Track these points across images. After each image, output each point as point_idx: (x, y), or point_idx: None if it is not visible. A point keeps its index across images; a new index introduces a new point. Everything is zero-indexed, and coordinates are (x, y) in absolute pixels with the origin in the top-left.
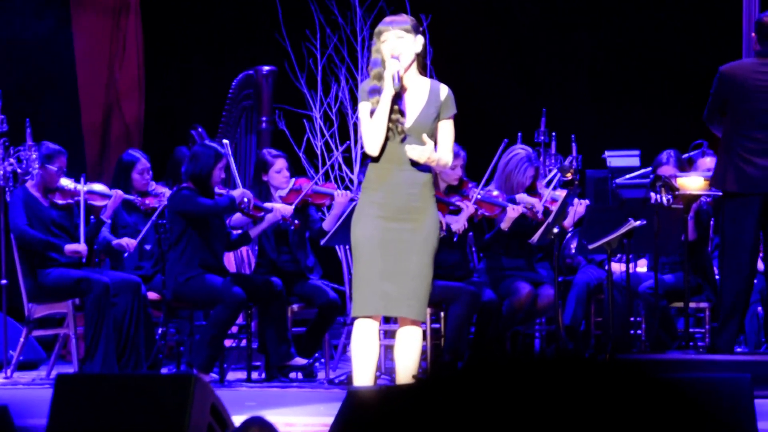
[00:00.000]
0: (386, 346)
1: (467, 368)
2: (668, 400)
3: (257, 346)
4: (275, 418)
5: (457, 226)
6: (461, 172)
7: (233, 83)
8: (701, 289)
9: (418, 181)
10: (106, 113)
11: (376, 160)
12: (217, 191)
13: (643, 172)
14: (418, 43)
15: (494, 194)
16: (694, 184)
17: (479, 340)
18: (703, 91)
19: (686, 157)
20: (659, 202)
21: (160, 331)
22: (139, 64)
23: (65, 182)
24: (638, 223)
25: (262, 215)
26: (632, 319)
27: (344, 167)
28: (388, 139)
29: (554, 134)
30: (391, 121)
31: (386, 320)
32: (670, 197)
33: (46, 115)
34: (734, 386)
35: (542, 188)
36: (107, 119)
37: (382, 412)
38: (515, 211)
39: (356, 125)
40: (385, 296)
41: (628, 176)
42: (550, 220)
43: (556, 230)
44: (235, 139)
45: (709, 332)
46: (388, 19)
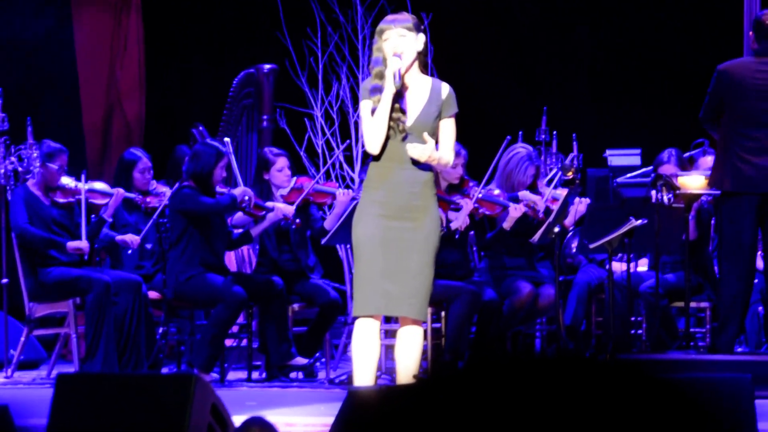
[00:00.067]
0: (387, 345)
1: (468, 368)
2: (669, 400)
3: (258, 345)
4: (276, 417)
5: (457, 223)
6: (462, 170)
7: (234, 82)
8: (702, 288)
9: (419, 179)
10: (107, 112)
11: (377, 158)
12: (218, 190)
13: (644, 171)
14: (419, 41)
15: (495, 193)
16: (695, 183)
17: (480, 339)
18: (703, 90)
19: (687, 156)
20: (660, 201)
21: (160, 330)
22: (140, 62)
23: (66, 181)
24: (639, 222)
25: (263, 214)
26: (633, 318)
27: (345, 166)
28: (389, 137)
29: (555, 133)
30: (392, 119)
31: (387, 320)
32: (671, 196)
33: (47, 113)
34: (735, 386)
35: (543, 187)
36: (108, 118)
37: (382, 411)
38: (517, 210)
39: (357, 124)
40: (386, 295)
41: (629, 175)
42: (551, 219)
43: (557, 229)
44: (236, 137)
45: (709, 332)
46: (389, 17)
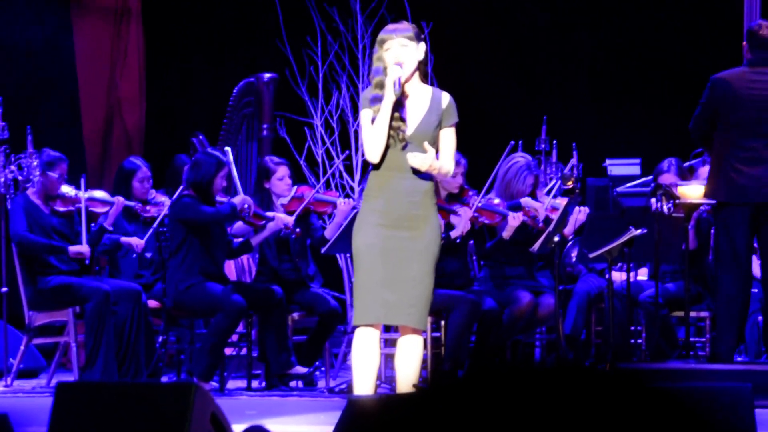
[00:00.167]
0: (387, 354)
1: (468, 377)
2: (669, 409)
3: (257, 354)
4: (275, 426)
5: (456, 232)
6: (462, 179)
7: (234, 90)
8: (702, 298)
9: (419, 189)
10: (107, 120)
11: (377, 167)
12: (218, 199)
13: (643, 180)
14: (420, 50)
15: (495, 202)
16: (694, 192)
17: (480, 348)
18: None
19: (687, 165)
20: (660, 210)
21: (160, 339)
22: (140, 71)
23: (66, 189)
24: (639, 231)
25: (263, 224)
26: (633, 328)
27: (345, 175)
28: (389, 146)
29: (555, 142)
30: (392, 128)
31: (387, 329)
32: (670, 206)
33: (46, 122)
34: (735, 396)
35: (543, 197)
36: (108, 126)
37: (382, 421)
38: (516, 219)
39: (357, 133)
40: (385, 304)
41: (628, 185)
42: (550, 228)
43: (556, 239)
44: (236, 146)
45: (709, 341)
46: (390, 27)
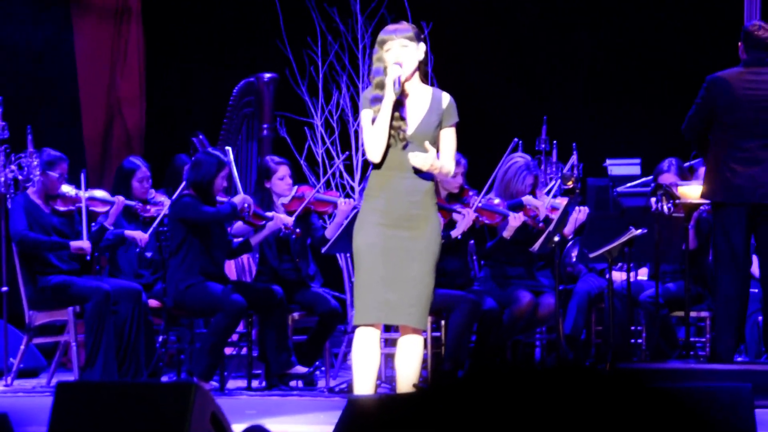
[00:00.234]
0: (387, 354)
1: (468, 377)
2: (669, 409)
3: (257, 354)
4: (275, 426)
5: (456, 232)
6: (462, 180)
7: (234, 90)
8: (702, 298)
9: (419, 188)
10: (107, 120)
11: (378, 167)
12: (218, 199)
13: (644, 180)
14: (420, 50)
15: (495, 202)
16: (694, 192)
17: (480, 348)
18: None
19: (687, 165)
20: (660, 210)
21: (160, 338)
22: (140, 70)
23: (66, 189)
24: (639, 231)
25: (263, 224)
26: (633, 328)
27: (345, 175)
28: (389, 146)
29: (555, 142)
30: (392, 128)
31: (387, 329)
32: (670, 206)
33: (47, 122)
34: (735, 396)
35: (542, 196)
36: (108, 126)
37: (382, 420)
38: (517, 219)
39: (357, 133)
40: (386, 304)
41: (629, 185)
42: (551, 228)
43: (557, 239)
44: (236, 146)
45: (709, 341)
46: (390, 27)
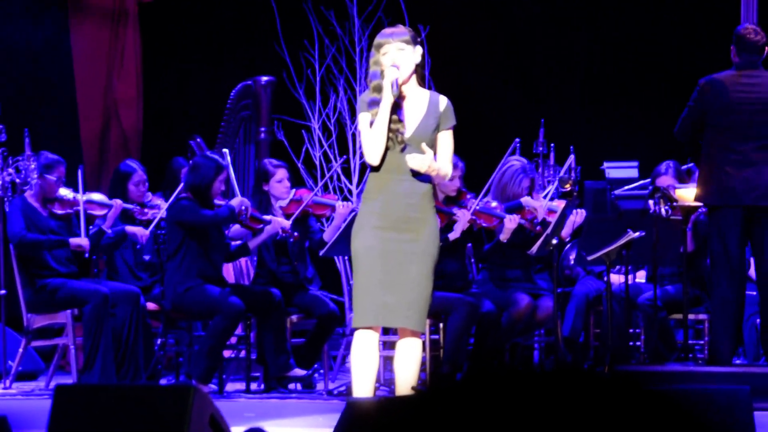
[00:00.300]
0: (385, 357)
1: (466, 380)
2: (667, 412)
3: (256, 356)
4: (274, 429)
5: (454, 235)
6: (459, 183)
7: (232, 93)
8: (700, 300)
9: (417, 191)
10: (104, 122)
11: (375, 169)
12: (216, 202)
13: (641, 183)
14: (417, 53)
15: (493, 205)
16: (692, 195)
17: (478, 351)
18: None
19: (685, 168)
20: (658, 213)
21: (159, 341)
22: (137, 73)
23: (64, 192)
24: (637, 234)
25: (260, 227)
26: (631, 330)
27: (343, 178)
28: (387, 148)
29: (553, 145)
30: (390, 130)
31: (386, 331)
32: (668, 208)
33: (44, 124)
34: (733, 398)
35: (539, 199)
36: (105, 128)
37: (381, 423)
38: (513, 222)
39: (355, 136)
40: (384, 307)
41: (626, 187)
42: (548, 231)
43: (554, 241)
44: (233, 149)
45: (708, 344)
46: (387, 31)
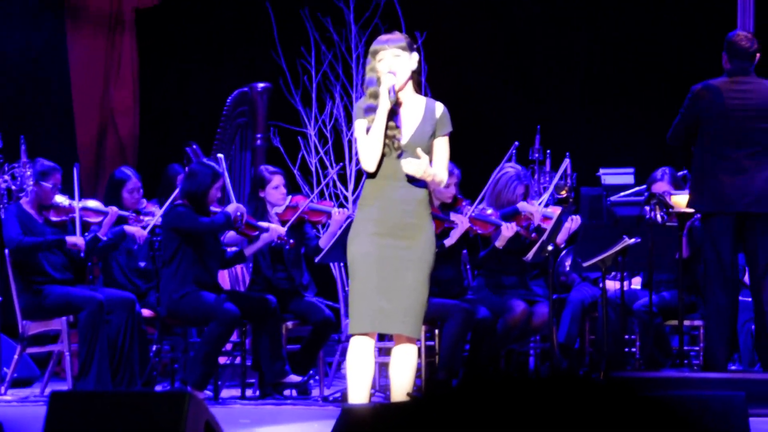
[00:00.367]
0: (381, 363)
1: (462, 386)
2: (663, 418)
3: (251, 363)
4: None
5: (450, 241)
6: (455, 190)
7: (228, 100)
8: (696, 307)
9: (413, 197)
10: (100, 129)
11: (372, 176)
12: (212, 209)
13: (637, 189)
14: (413, 60)
15: (488, 212)
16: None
17: (474, 357)
18: None
19: (681, 174)
20: (653, 219)
21: (154, 348)
22: (133, 80)
23: (60, 199)
24: (632, 240)
25: (256, 234)
26: (627, 336)
27: (339, 184)
28: (384, 155)
29: (549, 152)
30: (387, 136)
31: (381, 337)
32: (664, 215)
33: (40, 132)
34: (729, 404)
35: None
36: (102, 135)
37: (376, 429)
38: (510, 230)
39: (351, 143)
40: (380, 313)
41: (622, 194)
42: (544, 237)
43: (550, 248)
44: (229, 156)
45: (703, 350)
46: (383, 37)
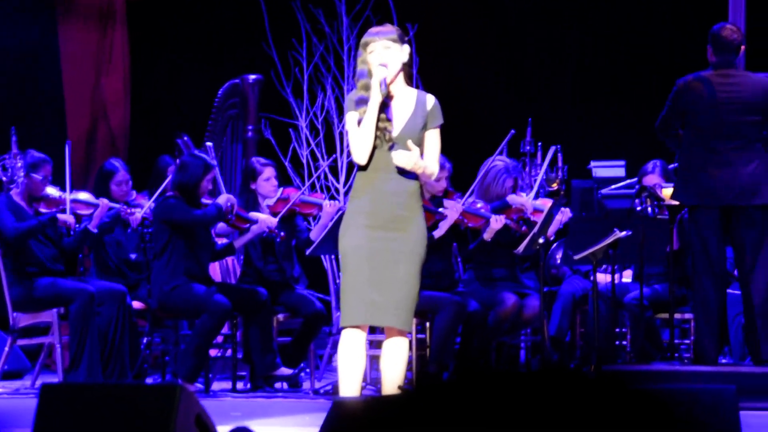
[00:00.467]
0: (372, 356)
1: (452, 379)
2: (653, 411)
3: (242, 355)
4: (260, 428)
5: (438, 232)
6: (446, 183)
7: (219, 92)
8: (686, 299)
9: (404, 189)
10: (91, 121)
11: (363, 168)
12: (203, 201)
13: (628, 182)
14: (404, 52)
15: (478, 206)
16: None
17: (464, 350)
18: None
19: (672, 167)
20: (644, 212)
21: (145, 340)
22: (125, 73)
23: (50, 191)
24: (623, 233)
25: (247, 226)
26: (617, 330)
27: (330, 176)
28: (375, 147)
29: (540, 144)
30: (378, 129)
31: (372, 330)
32: (655, 207)
33: (31, 123)
34: (719, 397)
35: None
36: (93, 127)
37: (367, 422)
38: (498, 222)
39: (342, 135)
40: (372, 305)
41: (613, 186)
42: (535, 230)
43: (541, 241)
44: (220, 147)
45: (694, 343)
46: (374, 29)
